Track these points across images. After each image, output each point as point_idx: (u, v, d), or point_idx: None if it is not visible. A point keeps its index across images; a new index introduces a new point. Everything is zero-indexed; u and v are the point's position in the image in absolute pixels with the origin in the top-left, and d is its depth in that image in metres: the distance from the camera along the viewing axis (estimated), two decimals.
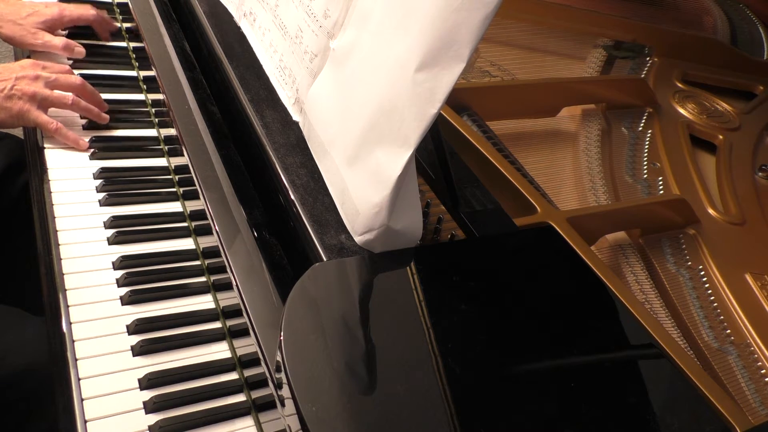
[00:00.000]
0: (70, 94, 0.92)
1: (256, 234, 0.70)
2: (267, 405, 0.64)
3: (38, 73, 0.91)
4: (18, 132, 1.02)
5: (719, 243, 0.89)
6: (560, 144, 1.04)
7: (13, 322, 0.87)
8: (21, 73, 0.90)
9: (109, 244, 0.80)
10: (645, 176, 0.99)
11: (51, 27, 1.06)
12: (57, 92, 0.91)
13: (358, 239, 0.63)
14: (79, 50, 1.06)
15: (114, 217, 0.83)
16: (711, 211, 0.94)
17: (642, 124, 1.10)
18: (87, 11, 1.09)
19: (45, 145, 0.91)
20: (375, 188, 0.60)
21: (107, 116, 0.96)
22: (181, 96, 0.88)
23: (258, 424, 0.66)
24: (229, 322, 0.73)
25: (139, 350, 0.69)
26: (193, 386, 0.68)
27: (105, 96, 0.99)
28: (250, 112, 0.77)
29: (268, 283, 0.65)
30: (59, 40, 1.05)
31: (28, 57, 1.05)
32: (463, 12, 0.51)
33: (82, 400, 0.64)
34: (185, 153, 0.82)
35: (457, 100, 0.97)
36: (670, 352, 0.61)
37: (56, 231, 0.80)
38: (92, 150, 0.92)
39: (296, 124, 0.75)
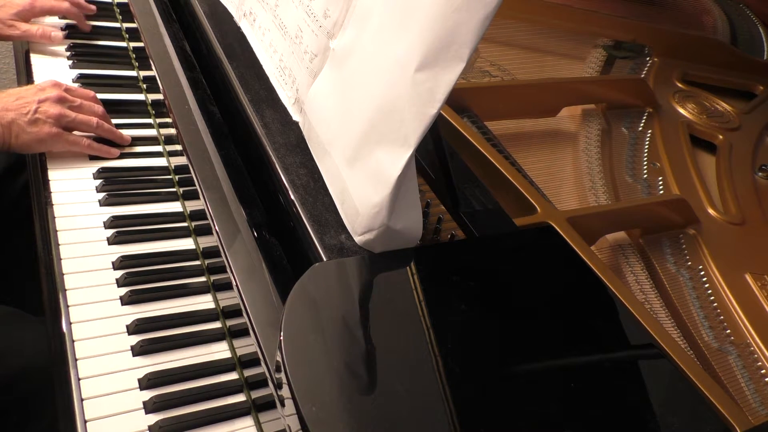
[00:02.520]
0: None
1: (256, 234, 0.70)
2: (267, 405, 0.64)
3: (62, 95, 0.90)
4: None
5: (719, 243, 0.89)
6: (560, 144, 1.04)
7: (13, 322, 0.87)
8: (43, 96, 0.89)
9: (109, 244, 0.80)
10: (645, 176, 0.99)
11: (24, 18, 1.07)
12: (81, 115, 0.91)
13: (358, 239, 0.63)
14: (56, 35, 1.07)
15: (114, 217, 0.83)
16: (711, 211, 0.94)
17: (642, 124, 1.10)
18: (60, 3, 1.09)
19: None
20: (375, 188, 0.60)
21: (128, 137, 0.95)
22: (181, 96, 0.88)
23: (258, 424, 0.66)
24: (229, 322, 0.73)
25: (139, 350, 0.69)
26: (193, 386, 0.68)
27: (105, 96, 1.00)
28: (250, 112, 0.77)
29: (268, 283, 0.65)
30: (36, 28, 1.06)
31: (28, 53, 1.05)
32: (463, 12, 0.51)
33: (82, 400, 0.64)
34: (185, 153, 0.82)
35: (457, 100, 0.97)
36: (670, 352, 0.61)
37: (56, 231, 0.80)
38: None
39: (296, 124, 0.75)
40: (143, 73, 1.07)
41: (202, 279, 0.79)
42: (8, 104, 0.86)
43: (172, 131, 0.91)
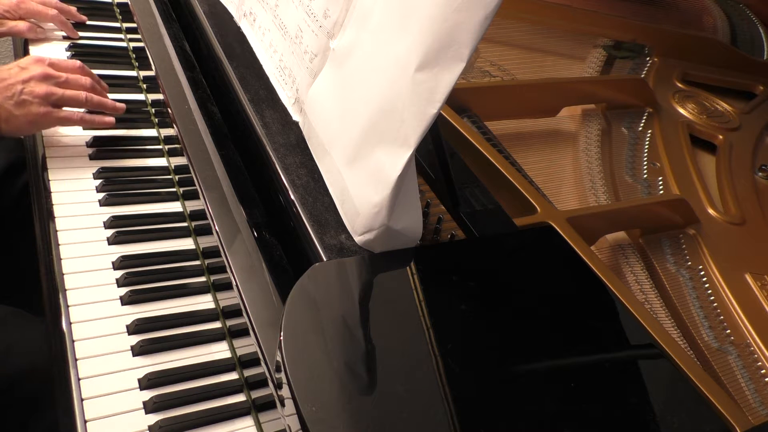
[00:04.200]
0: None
1: (256, 234, 0.70)
2: (267, 405, 0.64)
3: (46, 71, 0.87)
4: None
5: (719, 243, 0.89)
6: (560, 144, 1.04)
7: (14, 322, 0.87)
8: (27, 75, 0.86)
9: (109, 244, 0.80)
10: (645, 176, 0.99)
11: (9, 17, 1.07)
12: (69, 91, 0.88)
13: (358, 239, 0.63)
14: (41, 30, 1.08)
15: (114, 217, 0.83)
16: (711, 211, 0.94)
17: (642, 124, 1.10)
18: (47, 10, 1.08)
19: (45, 144, 0.91)
20: (375, 188, 0.60)
21: (122, 105, 0.93)
22: (181, 96, 0.88)
23: (258, 424, 0.66)
24: (229, 322, 0.73)
25: (139, 350, 0.69)
26: (193, 386, 0.68)
27: None
28: (250, 112, 0.77)
29: (268, 283, 0.65)
30: (23, 24, 1.06)
31: (26, 51, 1.05)
32: (463, 12, 0.51)
33: (82, 400, 0.64)
34: (185, 153, 0.82)
35: (457, 100, 0.97)
36: (670, 352, 0.61)
37: (56, 231, 0.80)
38: (92, 150, 0.92)
39: (296, 124, 0.75)
40: (143, 73, 1.07)
41: (202, 279, 0.79)
42: None
43: (172, 131, 0.91)
